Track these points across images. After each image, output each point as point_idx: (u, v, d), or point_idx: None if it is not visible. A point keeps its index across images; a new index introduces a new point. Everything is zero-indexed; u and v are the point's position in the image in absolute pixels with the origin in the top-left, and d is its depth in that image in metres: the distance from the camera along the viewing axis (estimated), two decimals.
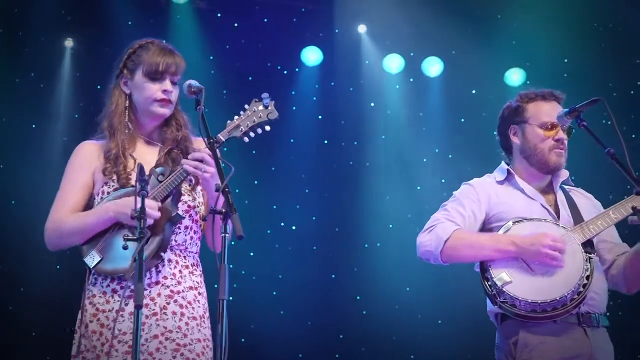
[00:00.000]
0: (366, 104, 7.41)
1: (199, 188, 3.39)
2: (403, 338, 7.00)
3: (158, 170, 3.25)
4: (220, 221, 2.90)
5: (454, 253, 3.45)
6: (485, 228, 3.57)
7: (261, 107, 3.25)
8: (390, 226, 7.20)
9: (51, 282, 6.52)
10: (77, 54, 6.89)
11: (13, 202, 6.63)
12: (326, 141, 7.40)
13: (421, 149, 7.36)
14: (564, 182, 3.68)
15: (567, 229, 3.45)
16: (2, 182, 6.59)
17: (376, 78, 7.39)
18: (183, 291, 3.26)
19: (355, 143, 7.40)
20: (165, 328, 3.17)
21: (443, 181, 7.08)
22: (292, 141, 7.24)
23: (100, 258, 3.21)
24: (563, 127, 3.57)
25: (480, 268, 3.45)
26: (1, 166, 6.68)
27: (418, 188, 7.25)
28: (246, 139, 3.26)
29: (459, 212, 3.54)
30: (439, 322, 7.00)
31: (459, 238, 3.44)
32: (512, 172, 3.64)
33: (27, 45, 6.68)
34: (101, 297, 3.22)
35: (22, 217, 6.41)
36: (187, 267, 3.32)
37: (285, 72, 7.30)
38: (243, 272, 6.63)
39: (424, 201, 6.59)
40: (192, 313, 3.25)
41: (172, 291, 3.24)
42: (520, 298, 3.30)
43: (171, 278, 3.25)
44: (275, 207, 7.14)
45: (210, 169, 3.16)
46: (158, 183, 3.22)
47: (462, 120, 7.33)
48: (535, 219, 3.47)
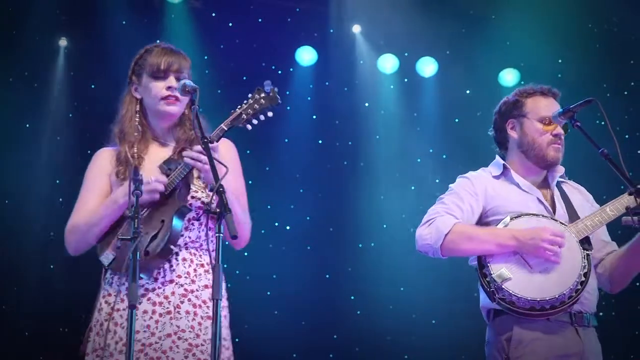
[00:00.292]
0: (361, 104, 7.41)
1: None
2: (397, 338, 6.99)
3: (165, 165, 3.30)
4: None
5: (454, 247, 3.41)
6: (481, 222, 3.55)
7: (263, 94, 3.26)
8: (384, 226, 7.20)
9: (45, 283, 6.51)
10: (72, 54, 6.86)
11: (6, 202, 6.62)
12: (320, 141, 7.40)
13: (415, 149, 7.35)
14: (559, 178, 3.67)
15: (566, 225, 3.43)
16: None
17: (370, 78, 7.39)
18: (197, 290, 3.26)
19: (349, 143, 7.40)
20: (178, 327, 3.19)
21: (437, 181, 7.08)
22: (287, 141, 7.24)
23: (114, 257, 3.24)
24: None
25: (477, 263, 3.42)
26: None
27: (412, 188, 7.25)
28: (249, 127, 3.26)
29: (458, 206, 3.52)
30: (433, 322, 7.00)
31: (459, 232, 3.41)
32: (508, 167, 3.63)
33: (22, 44, 6.66)
34: (116, 296, 3.24)
35: (16, 217, 6.41)
36: (203, 266, 3.32)
37: (279, 72, 7.29)
38: (237, 272, 6.62)
39: (418, 201, 6.58)
40: (207, 312, 3.24)
41: (186, 290, 3.25)
42: (520, 295, 3.28)
43: (185, 276, 3.26)
44: (269, 207, 7.12)
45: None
46: (166, 178, 3.27)
47: (457, 120, 7.33)
48: (532, 214, 3.45)
